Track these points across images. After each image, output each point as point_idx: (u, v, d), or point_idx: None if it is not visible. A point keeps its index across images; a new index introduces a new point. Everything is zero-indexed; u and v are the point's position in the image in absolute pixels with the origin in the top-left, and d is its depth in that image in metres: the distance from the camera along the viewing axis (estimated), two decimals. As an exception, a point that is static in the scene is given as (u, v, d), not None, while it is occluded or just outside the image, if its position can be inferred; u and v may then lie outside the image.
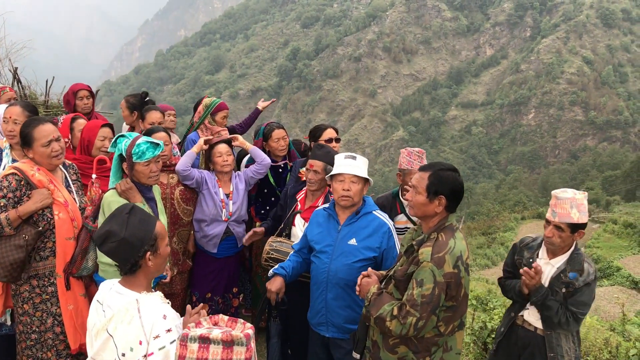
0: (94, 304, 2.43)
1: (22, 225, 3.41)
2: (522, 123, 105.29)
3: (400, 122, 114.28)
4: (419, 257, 2.90)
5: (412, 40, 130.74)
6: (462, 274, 2.86)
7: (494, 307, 9.30)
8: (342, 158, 3.67)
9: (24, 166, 3.50)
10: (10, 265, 3.39)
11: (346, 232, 3.64)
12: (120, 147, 3.59)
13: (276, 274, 3.76)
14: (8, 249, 3.38)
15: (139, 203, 3.59)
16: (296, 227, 4.40)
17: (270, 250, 4.21)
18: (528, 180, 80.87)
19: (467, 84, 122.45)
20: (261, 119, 6.28)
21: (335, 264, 3.60)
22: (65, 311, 3.57)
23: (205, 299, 4.82)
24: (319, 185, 4.28)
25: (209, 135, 5.14)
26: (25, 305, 3.54)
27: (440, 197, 2.95)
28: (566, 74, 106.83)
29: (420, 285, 2.81)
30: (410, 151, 4.57)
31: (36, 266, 3.53)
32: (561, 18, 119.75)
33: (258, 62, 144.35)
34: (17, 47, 11.05)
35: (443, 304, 2.85)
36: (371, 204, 3.74)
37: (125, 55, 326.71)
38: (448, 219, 3.03)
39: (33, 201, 3.41)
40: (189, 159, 4.57)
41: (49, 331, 3.57)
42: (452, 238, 2.91)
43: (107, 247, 2.35)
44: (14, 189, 3.40)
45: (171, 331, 2.28)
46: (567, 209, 3.49)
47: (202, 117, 5.20)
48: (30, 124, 3.51)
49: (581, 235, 3.59)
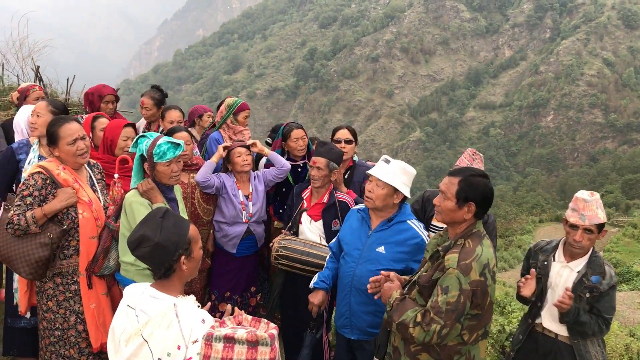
0: (124, 309, 2.37)
1: (47, 223, 3.45)
2: (540, 125, 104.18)
3: (417, 123, 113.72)
4: (444, 263, 2.85)
5: (430, 41, 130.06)
6: (489, 282, 2.81)
7: (512, 310, 9.20)
8: (381, 160, 3.63)
9: (50, 165, 3.53)
10: (35, 263, 3.43)
11: (376, 238, 3.58)
12: (142, 148, 3.60)
13: (317, 288, 3.79)
14: (33, 247, 3.42)
15: (160, 203, 3.60)
16: (303, 225, 4.45)
17: (279, 248, 4.25)
18: (546, 182, 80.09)
19: (486, 85, 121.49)
20: (278, 118, 6.30)
21: (360, 269, 3.55)
22: (87, 310, 3.61)
23: (224, 298, 4.83)
24: (323, 181, 4.33)
25: (231, 134, 5.17)
26: (49, 302, 3.58)
27: (470, 204, 2.89)
28: (586, 75, 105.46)
29: (445, 293, 2.76)
30: (476, 152, 4.49)
31: (60, 264, 3.57)
32: (581, 19, 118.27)
33: (275, 62, 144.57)
34: (39, 46, 11.19)
35: (468, 312, 2.80)
36: (407, 213, 3.65)
37: (144, 54, 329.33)
38: (476, 225, 2.96)
39: (58, 200, 3.44)
40: (209, 169, 4.58)
41: (71, 329, 3.61)
42: (479, 245, 2.86)
43: (141, 251, 2.32)
44: (39, 188, 3.44)
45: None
46: (595, 210, 3.44)
47: (224, 116, 5.21)
48: (56, 123, 3.55)
49: (604, 234, 3.55)
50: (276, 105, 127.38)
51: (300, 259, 4.20)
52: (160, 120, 5.53)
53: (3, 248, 3.50)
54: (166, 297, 2.33)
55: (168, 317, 2.24)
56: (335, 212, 4.39)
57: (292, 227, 4.48)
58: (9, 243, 3.48)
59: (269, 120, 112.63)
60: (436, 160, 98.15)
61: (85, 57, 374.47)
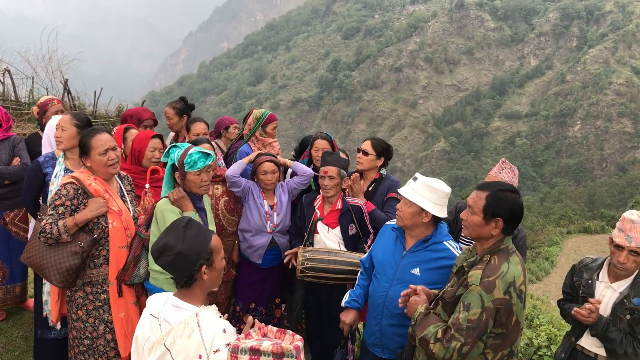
0: (147, 317, 2.40)
1: (78, 232, 3.51)
2: (567, 135, 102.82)
3: (442, 133, 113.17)
4: (468, 279, 2.78)
5: (454, 51, 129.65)
6: (514, 300, 2.71)
7: (540, 323, 9.04)
8: (411, 178, 3.53)
9: (81, 175, 3.60)
10: (66, 271, 3.49)
11: (410, 260, 3.44)
12: (173, 157, 3.68)
13: (349, 308, 3.76)
14: (64, 255, 3.48)
15: (191, 212, 3.67)
16: (320, 234, 4.45)
17: (304, 260, 4.25)
18: (574, 193, 78.72)
19: (511, 95, 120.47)
20: (302, 129, 6.31)
21: (393, 290, 3.42)
22: (116, 319, 3.65)
23: (249, 310, 4.83)
24: (335, 190, 4.39)
25: (260, 146, 5.19)
26: (79, 311, 3.64)
27: (497, 220, 2.81)
28: (614, 84, 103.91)
29: (467, 310, 2.70)
30: (506, 162, 4.38)
31: (90, 273, 3.63)
32: (609, 27, 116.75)
33: (299, 73, 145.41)
34: (67, 59, 11.42)
35: (491, 330, 2.72)
36: (443, 233, 3.50)
37: (169, 66, 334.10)
38: (504, 241, 2.88)
39: (89, 209, 3.50)
40: (240, 167, 4.62)
41: (100, 338, 3.65)
42: (505, 262, 2.77)
43: (164, 260, 2.35)
44: (71, 197, 3.50)
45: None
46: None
47: (252, 129, 5.22)
48: (89, 134, 3.63)
49: None
50: (299, 116, 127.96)
51: (328, 267, 4.20)
52: (186, 132, 5.58)
53: (36, 256, 3.57)
54: (188, 306, 2.35)
55: (190, 326, 2.26)
56: (350, 217, 4.42)
57: (308, 238, 4.49)
58: (41, 251, 3.55)
59: (292, 131, 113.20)
60: (461, 171, 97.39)
61: (112, 69, 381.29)
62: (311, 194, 4.69)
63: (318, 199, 4.55)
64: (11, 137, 5.15)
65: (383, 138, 5.16)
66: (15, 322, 5.37)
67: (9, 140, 5.13)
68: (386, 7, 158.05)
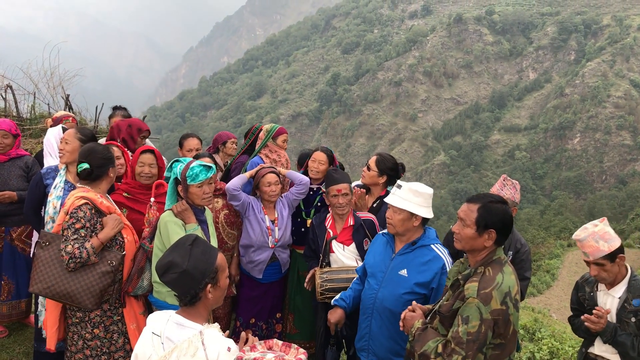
0: (148, 335, 2.39)
1: (102, 252, 3.52)
2: (567, 148, 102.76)
3: (442, 146, 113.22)
4: (464, 292, 2.80)
5: (453, 64, 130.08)
6: (511, 310, 2.75)
7: (541, 337, 9.01)
8: (394, 186, 3.65)
9: (90, 194, 3.61)
10: (99, 292, 3.47)
11: (399, 261, 3.57)
12: (176, 171, 3.78)
13: (336, 306, 3.82)
14: (96, 277, 3.46)
15: (194, 224, 3.74)
16: (335, 253, 4.45)
17: (323, 282, 4.24)
18: (574, 206, 78.70)
19: (510, 108, 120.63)
20: (302, 143, 6.35)
21: (382, 292, 3.54)
22: (130, 330, 3.69)
23: (249, 325, 4.83)
24: (349, 207, 4.45)
25: (267, 153, 5.29)
26: (95, 329, 3.62)
27: (490, 231, 2.85)
28: (613, 97, 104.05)
29: (465, 323, 2.72)
30: (507, 178, 4.48)
31: (110, 290, 3.62)
32: (607, 41, 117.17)
33: (299, 88, 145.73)
34: (69, 75, 11.48)
35: (490, 341, 2.75)
36: (431, 237, 3.64)
37: (170, 81, 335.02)
38: (496, 252, 2.91)
39: (110, 227, 3.53)
40: (241, 181, 4.66)
41: (119, 350, 3.68)
42: (500, 273, 2.81)
43: (169, 277, 2.34)
44: (89, 218, 3.51)
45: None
46: (594, 244, 3.44)
47: (263, 141, 5.34)
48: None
49: (623, 260, 3.52)
50: (300, 130, 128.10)
51: (348, 286, 4.17)
52: (179, 148, 5.67)
53: (59, 285, 3.44)
54: (192, 324, 2.34)
55: (194, 345, 2.25)
56: (363, 232, 4.43)
57: (324, 259, 4.48)
58: (64, 279, 3.45)
59: (292, 145, 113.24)
60: (461, 184, 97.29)
61: (113, 84, 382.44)
62: (320, 214, 4.68)
63: (328, 218, 4.54)
64: (24, 157, 5.18)
65: (383, 152, 5.17)
66: (16, 338, 5.36)
67: (22, 160, 5.14)
68: (385, 22, 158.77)
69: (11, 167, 5.08)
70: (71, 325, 3.68)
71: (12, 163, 5.11)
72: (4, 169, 5.06)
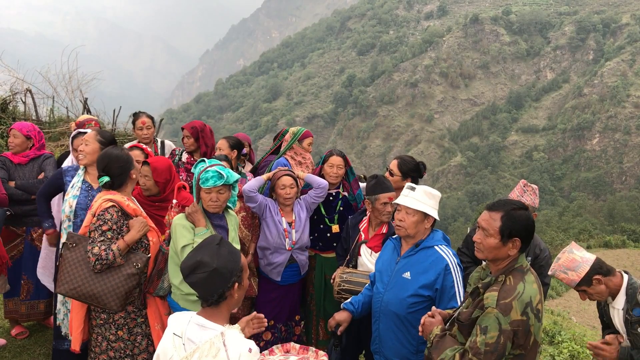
0: (170, 336, 2.40)
1: (127, 254, 3.55)
2: (585, 148, 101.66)
3: (458, 147, 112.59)
4: (484, 301, 2.73)
5: (469, 65, 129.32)
6: (532, 321, 2.66)
7: (562, 340, 8.89)
8: (405, 188, 3.62)
9: (117, 197, 3.64)
10: (125, 294, 3.50)
11: (403, 264, 3.56)
12: (195, 171, 3.82)
13: (345, 309, 3.81)
14: (121, 279, 3.49)
15: (203, 227, 3.71)
16: (362, 257, 4.42)
17: (342, 282, 4.23)
18: (593, 207, 77.64)
19: (528, 109, 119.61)
20: (317, 145, 6.34)
21: (388, 295, 3.54)
22: (154, 331, 3.71)
23: (268, 327, 4.81)
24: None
25: (293, 155, 5.32)
26: (119, 331, 3.65)
27: (515, 240, 2.75)
28: (632, 97, 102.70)
29: (484, 333, 2.64)
30: (528, 184, 4.43)
31: (135, 292, 3.66)
32: (626, 40, 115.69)
33: (314, 90, 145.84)
34: (87, 78, 11.61)
35: (510, 352, 2.67)
36: (437, 238, 3.61)
37: (186, 84, 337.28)
38: (518, 260, 2.82)
39: (136, 230, 3.56)
40: (258, 183, 4.66)
41: (143, 352, 3.70)
42: (521, 282, 2.72)
43: (196, 277, 2.33)
44: (116, 221, 3.54)
45: None
46: (564, 276, 3.41)
47: (289, 143, 5.37)
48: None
49: (601, 281, 3.38)
50: (315, 132, 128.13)
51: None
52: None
53: (84, 286, 3.48)
54: (214, 325, 2.34)
55: (216, 346, 2.24)
56: None
57: (351, 260, 4.47)
58: (90, 280, 3.49)
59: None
60: (478, 185, 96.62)
61: (130, 87, 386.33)
62: (357, 215, 4.68)
63: (364, 221, 4.53)
64: (42, 155, 5.30)
65: (399, 153, 5.17)
66: (37, 340, 5.42)
67: (40, 158, 5.27)
68: (400, 22, 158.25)
69: (32, 168, 5.23)
70: (95, 327, 3.71)
71: (33, 163, 5.25)
72: (25, 170, 5.19)
